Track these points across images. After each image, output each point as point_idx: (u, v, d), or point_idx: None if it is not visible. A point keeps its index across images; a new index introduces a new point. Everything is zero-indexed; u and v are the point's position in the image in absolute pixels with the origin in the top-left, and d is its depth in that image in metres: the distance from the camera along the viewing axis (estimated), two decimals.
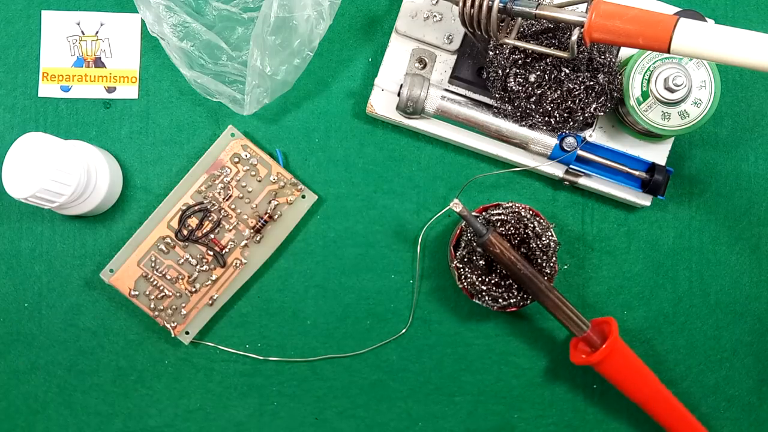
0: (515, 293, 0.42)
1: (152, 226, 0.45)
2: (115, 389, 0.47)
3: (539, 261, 0.42)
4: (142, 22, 0.47)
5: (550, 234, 0.42)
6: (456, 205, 0.40)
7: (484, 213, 0.43)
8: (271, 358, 0.47)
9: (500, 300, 0.43)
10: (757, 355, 0.47)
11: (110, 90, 0.47)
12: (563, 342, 0.47)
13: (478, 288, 0.42)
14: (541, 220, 0.43)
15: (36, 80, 0.47)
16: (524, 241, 0.42)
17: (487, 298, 0.43)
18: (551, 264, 0.42)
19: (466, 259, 0.43)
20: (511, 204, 0.43)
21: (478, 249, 0.42)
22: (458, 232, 0.44)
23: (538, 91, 0.42)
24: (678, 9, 0.44)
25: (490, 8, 0.38)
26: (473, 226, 0.41)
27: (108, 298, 0.47)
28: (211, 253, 0.46)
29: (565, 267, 0.47)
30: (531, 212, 0.43)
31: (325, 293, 0.47)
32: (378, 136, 0.47)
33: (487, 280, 0.42)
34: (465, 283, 0.43)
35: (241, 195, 0.46)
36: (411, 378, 0.47)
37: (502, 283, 0.42)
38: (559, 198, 0.47)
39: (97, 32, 0.47)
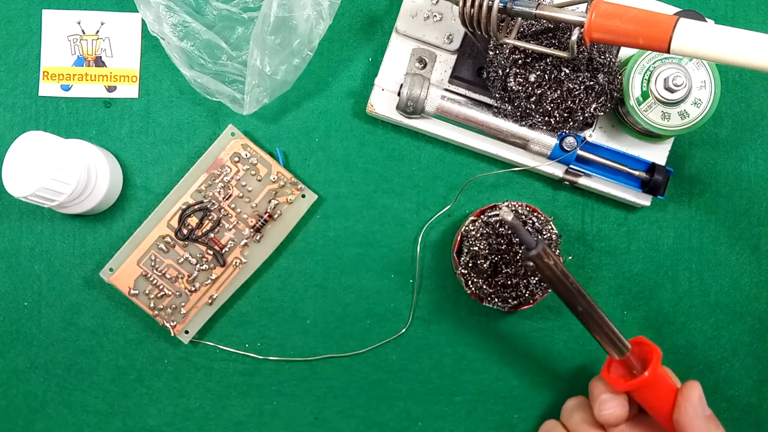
0: (523, 291, 0.42)
1: (152, 225, 0.45)
2: (114, 388, 0.47)
3: None
4: (143, 21, 0.47)
5: (550, 227, 0.42)
6: (507, 213, 0.35)
7: (482, 216, 0.43)
8: (270, 358, 0.47)
9: (510, 300, 0.42)
10: (757, 355, 0.47)
11: (110, 89, 0.47)
12: (563, 342, 0.47)
13: (486, 292, 0.42)
14: (539, 215, 0.43)
15: (36, 79, 0.47)
16: None
17: (496, 300, 0.43)
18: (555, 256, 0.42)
19: (470, 265, 0.43)
20: (507, 203, 0.43)
21: (528, 262, 0.37)
22: (459, 238, 0.44)
23: (538, 91, 0.42)
24: (678, 9, 0.44)
25: (490, 8, 0.38)
26: (523, 238, 0.36)
27: (107, 297, 0.47)
28: (211, 252, 0.46)
29: (570, 258, 0.47)
30: (528, 209, 0.43)
31: (325, 293, 0.47)
32: (378, 136, 0.47)
33: (494, 282, 0.42)
34: (473, 288, 0.43)
35: (240, 194, 0.46)
36: (411, 378, 0.47)
37: (509, 283, 0.42)
38: (559, 198, 0.47)
39: (97, 31, 0.47)
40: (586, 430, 0.41)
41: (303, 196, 0.46)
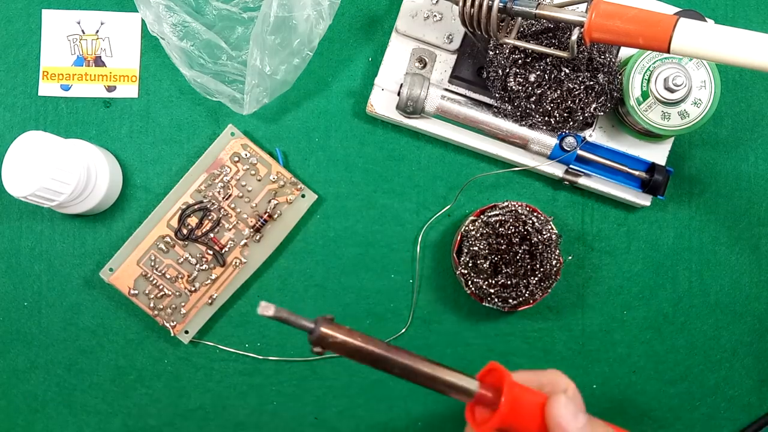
0: (523, 291, 0.42)
1: (152, 225, 0.45)
2: (114, 388, 0.47)
3: (544, 255, 0.42)
4: (143, 21, 0.47)
5: (550, 227, 0.42)
6: (266, 309, 0.29)
7: (481, 215, 0.43)
8: (270, 358, 0.47)
9: (510, 300, 0.42)
10: (757, 355, 0.47)
11: (110, 89, 0.47)
12: (563, 342, 0.47)
13: (486, 291, 0.42)
14: (539, 215, 0.43)
15: (36, 79, 0.47)
16: (525, 237, 0.42)
17: (496, 299, 0.43)
18: (555, 256, 0.42)
19: (470, 265, 0.43)
20: (507, 203, 0.43)
21: (316, 348, 0.31)
22: (459, 238, 0.44)
23: (538, 91, 0.42)
24: (678, 9, 0.44)
25: (490, 8, 0.38)
26: (296, 325, 0.31)
27: (107, 297, 0.47)
28: (211, 252, 0.46)
29: (570, 258, 0.47)
30: (528, 209, 0.43)
31: (325, 293, 0.47)
32: (378, 136, 0.47)
33: (494, 282, 0.42)
34: (473, 288, 0.43)
35: (240, 194, 0.46)
36: None
37: (509, 283, 0.42)
38: (559, 198, 0.47)
39: (97, 31, 0.47)
40: None
41: (303, 196, 0.46)
